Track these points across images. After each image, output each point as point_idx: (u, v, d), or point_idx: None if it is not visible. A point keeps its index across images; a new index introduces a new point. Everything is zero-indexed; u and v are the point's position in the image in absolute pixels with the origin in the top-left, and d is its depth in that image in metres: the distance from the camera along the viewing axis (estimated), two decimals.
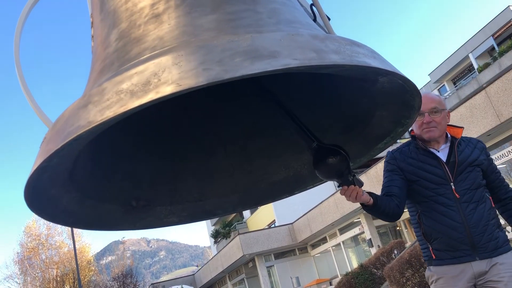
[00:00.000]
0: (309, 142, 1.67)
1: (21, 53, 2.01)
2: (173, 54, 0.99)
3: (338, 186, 1.93)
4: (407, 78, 1.16)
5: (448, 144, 2.91)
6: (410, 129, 2.99)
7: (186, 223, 1.96)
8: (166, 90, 0.91)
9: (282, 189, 1.99)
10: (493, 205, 2.83)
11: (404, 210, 2.91)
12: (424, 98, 2.84)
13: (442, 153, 2.87)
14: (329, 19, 1.80)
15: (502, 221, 2.98)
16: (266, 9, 1.26)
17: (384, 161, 3.02)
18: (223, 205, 1.99)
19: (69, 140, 0.98)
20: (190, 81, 0.91)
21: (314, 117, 1.78)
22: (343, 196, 2.11)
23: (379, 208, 2.55)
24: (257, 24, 1.19)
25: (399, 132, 1.59)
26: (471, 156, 2.84)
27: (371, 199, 2.46)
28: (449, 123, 2.95)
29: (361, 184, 1.92)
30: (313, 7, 1.75)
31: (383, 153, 2.17)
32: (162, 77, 0.94)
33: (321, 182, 1.94)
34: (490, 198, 2.84)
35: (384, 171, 2.99)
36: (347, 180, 1.81)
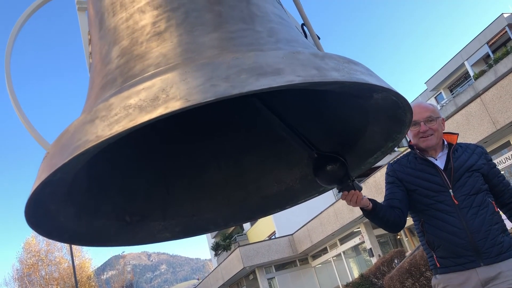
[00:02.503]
0: (309, 152, 1.73)
1: (12, 72, 2.04)
2: (179, 71, 1.02)
3: (338, 192, 1.99)
4: (400, 95, 1.22)
5: (446, 151, 2.95)
6: (408, 140, 3.03)
7: (179, 239, 1.96)
8: (175, 105, 0.94)
9: (274, 203, 2.01)
10: (496, 210, 2.83)
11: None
12: (418, 107, 2.89)
13: (440, 161, 2.91)
14: (319, 38, 1.88)
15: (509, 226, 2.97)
16: (265, 28, 1.31)
17: (385, 174, 3.08)
18: (216, 220, 2.00)
19: (77, 154, 0.99)
20: (198, 97, 0.94)
21: (307, 132, 1.82)
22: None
23: (379, 213, 2.60)
24: (258, 43, 1.23)
25: (389, 147, 1.63)
26: (468, 161, 2.87)
27: (371, 204, 2.53)
28: (444, 131, 2.99)
29: (360, 188, 2.00)
30: (304, 27, 1.83)
31: (381, 162, 2.23)
32: (171, 92, 0.97)
33: (312, 196, 1.97)
34: (493, 202, 2.84)
35: (385, 183, 3.04)
36: (347, 185, 1.89)
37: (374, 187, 19.53)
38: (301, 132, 1.73)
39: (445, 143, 2.98)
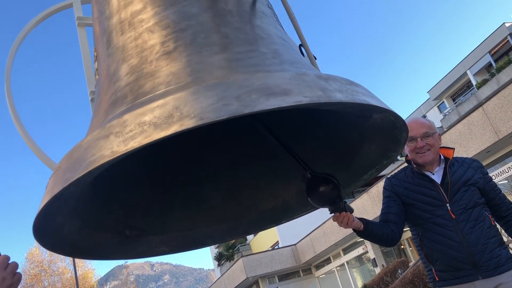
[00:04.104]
0: (302, 172, 1.75)
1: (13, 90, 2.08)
2: (191, 90, 1.06)
3: (330, 213, 2.01)
4: (398, 115, 1.28)
5: (442, 165, 2.98)
6: (405, 154, 3.06)
7: (176, 253, 1.99)
8: (189, 123, 0.98)
9: (270, 218, 2.05)
10: (493, 223, 2.87)
11: (406, 229, 2.97)
12: (415, 123, 2.93)
13: (437, 175, 2.95)
14: (315, 58, 1.94)
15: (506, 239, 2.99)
16: (270, 49, 1.36)
17: (382, 188, 3.11)
18: (213, 234, 2.03)
19: (92, 168, 1.02)
20: (211, 115, 0.99)
21: (304, 148, 1.86)
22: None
23: (372, 232, 2.63)
24: (264, 64, 1.28)
25: (384, 164, 1.68)
26: (465, 175, 2.91)
27: (362, 225, 2.53)
28: (441, 145, 3.04)
29: (351, 210, 2.01)
30: (302, 47, 1.87)
31: (385, 172, 2.25)
32: (184, 111, 1.01)
33: (308, 211, 2.01)
34: (490, 216, 2.87)
35: (382, 197, 3.08)
36: (339, 207, 1.91)
37: (377, 196, 19.49)
38: (299, 148, 1.77)
39: (442, 157, 3.02)
